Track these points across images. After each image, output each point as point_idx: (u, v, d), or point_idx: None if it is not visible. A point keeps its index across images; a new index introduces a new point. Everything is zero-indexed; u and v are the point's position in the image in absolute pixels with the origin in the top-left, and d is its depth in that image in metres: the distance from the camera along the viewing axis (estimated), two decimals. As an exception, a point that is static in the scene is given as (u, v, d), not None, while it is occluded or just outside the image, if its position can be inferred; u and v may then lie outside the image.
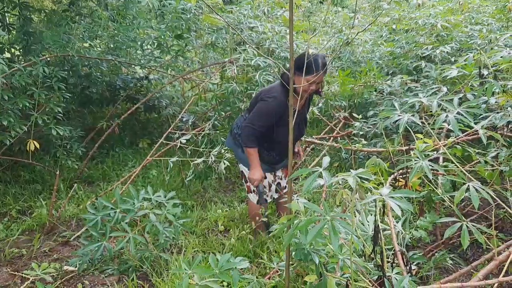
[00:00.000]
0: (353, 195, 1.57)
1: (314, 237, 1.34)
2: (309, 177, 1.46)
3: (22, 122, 3.89)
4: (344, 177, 1.45)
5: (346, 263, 1.91)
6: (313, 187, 1.49)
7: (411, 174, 2.11)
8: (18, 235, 3.40)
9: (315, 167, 1.55)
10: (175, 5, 4.76)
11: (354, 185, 1.41)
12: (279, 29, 4.41)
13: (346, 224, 1.34)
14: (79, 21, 5.56)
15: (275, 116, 2.86)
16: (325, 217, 1.36)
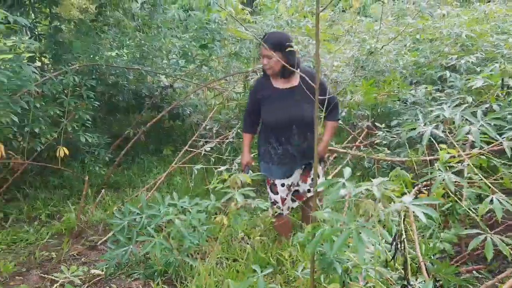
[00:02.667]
0: (376, 204, 1.59)
1: (339, 246, 1.37)
2: (332, 188, 1.49)
3: (52, 129, 4.03)
4: (367, 187, 1.47)
5: (370, 272, 1.93)
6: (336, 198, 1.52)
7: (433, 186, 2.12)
8: (47, 238, 3.50)
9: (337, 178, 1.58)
10: (200, 15, 4.87)
11: (378, 194, 1.43)
12: (302, 39, 4.45)
13: (371, 233, 1.37)
14: (106, 31, 5.73)
15: (256, 95, 2.99)
16: (349, 227, 1.38)
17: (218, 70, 5.96)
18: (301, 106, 2.83)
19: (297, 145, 2.89)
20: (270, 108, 2.94)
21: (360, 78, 4.72)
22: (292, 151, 2.91)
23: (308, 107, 2.82)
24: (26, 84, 3.55)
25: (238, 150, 4.48)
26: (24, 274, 3.02)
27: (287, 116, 2.85)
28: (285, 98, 2.87)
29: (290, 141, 2.90)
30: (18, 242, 3.46)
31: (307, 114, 2.84)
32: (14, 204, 4.07)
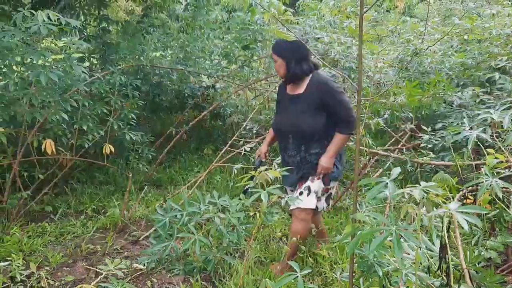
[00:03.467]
0: (419, 208, 1.56)
1: (377, 246, 1.36)
2: (375, 187, 1.47)
3: (99, 127, 4.18)
4: (410, 189, 1.45)
5: (411, 277, 1.89)
6: (378, 197, 1.50)
7: (479, 192, 2.05)
8: (93, 232, 3.63)
9: (381, 178, 1.55)
10: (242, 17, 4.92)
11: (419, 198, 1.40)
12: (345, 40, 4.41)
13: (412, 236, 1.35)
14: (151, 32, 5.89)
15: (277, 97, 3.06)
16: (390, 228, 1.37)
17: (259, 70, 6.00)
18: (300, 116, 2.74)
19: (291, 155, 2.82)
20: (277, 113, 3.04)
21: (404, 79, 4.62)
22: (287, 160, 2.86)
23: (308, 118, 2.72)
24: (76, 83, 3.71)
25: (277, 150, 4.48)
26: (70, 265, 3.15)
27: (285, 124, 2.83)
28: (289, 105, 2.84)
29: (287, 151, 2.86)
30: (66, 234, 3.61)
31: (304, 125, 2.73)
32: (62, 198, 4.26)
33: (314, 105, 2.69)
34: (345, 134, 2.71)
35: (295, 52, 2.70)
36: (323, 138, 2.73)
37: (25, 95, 3.32)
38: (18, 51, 3.33)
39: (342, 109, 2.67)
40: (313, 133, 2.72)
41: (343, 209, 3.99)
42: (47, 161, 4.14)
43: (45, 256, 3.20)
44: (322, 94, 2.69)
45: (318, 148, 2.75)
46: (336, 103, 2.67)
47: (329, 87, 2.70)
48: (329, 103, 2.67)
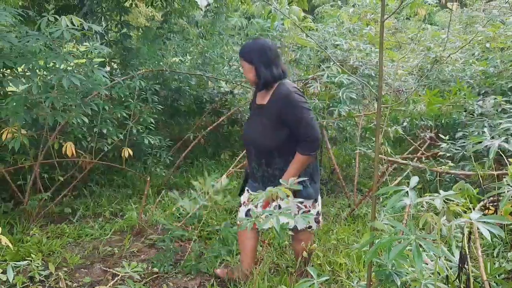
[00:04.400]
0: (439, 217, 1.53)
1: (397, 255, 1.34)
2: (394, 195, 1.46)
3: (119, 131, 4.24)
4: (430, 198, 1.43)
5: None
6: (398, 206, 1.49)
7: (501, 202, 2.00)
8: (110, 234, 3.68)
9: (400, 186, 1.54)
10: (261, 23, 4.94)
11: (441, 207, 1.38)
12: (364, 47, 4.39)
13: (432, 246, 1.32)
14: (171, 37, 5.95)
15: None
16: (409, 236, 1.35)
17: (277, 77, 6.00)
18: (261, 129, 2.54)
19: (255, 168, 2.64)
20: (245, 125, 2.89)
21: (423, 87, 4.57)
22: (252, 170, 2.68)
23: (268, 132, 2.51)
24: (97, 87, 3.76)
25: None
26: (88, 267, 3.18)
27: (247, 136, 2.66)
28: (253, 115, 2.68)
29: (250, 161, 2.70)
30: (84, 236, 3.65)
31: (263, 140, 2.53)
32: (81, 200, 4.32)
33: (274, 118, 2.47)
34: (304, 155, 2.45)
35: (262, 55, 2.48)
36: (287, 153, 2.50)
37: (48, 99, 3.38)
38: (41, 55, 3.40)
39: (301, 127, 2.44)
40: (272, 149, 2.52)
41: (360, 217, 3.95)
42: (67, 163, 4.21)
43: (64, 257, 3.24)
44: (281, 107, 2.45)
45: (281, 164, 2.53)
46: (295, 120, 2.44)
47: (289, 100, 2.45)
48: (287, 118, 2.45)
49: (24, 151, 3.87)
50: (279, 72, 2.52)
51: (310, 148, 2.45)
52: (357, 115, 4.51)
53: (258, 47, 2.51)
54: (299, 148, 2.45)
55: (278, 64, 2.53)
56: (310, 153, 2.46)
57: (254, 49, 2.50)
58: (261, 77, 2.49)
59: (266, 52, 2.49)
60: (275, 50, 2.57)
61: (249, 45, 2.57)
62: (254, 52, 2.50)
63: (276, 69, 2.50)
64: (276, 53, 2.56)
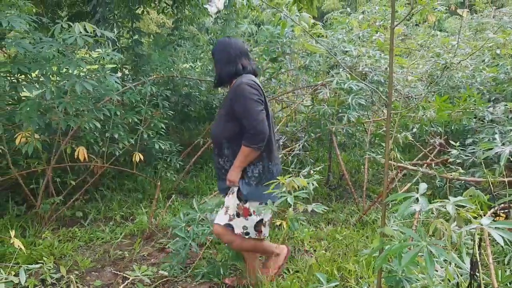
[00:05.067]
0: (450, 223, 1.54)
1: (408, 262, 1.35)
2: (404, 202, 1.47)
3: (130, 136, 4.28)
4: (441, 204, 1.44)
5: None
6: (407, 212, 1.49)
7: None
8: (121, 238, 3.71)
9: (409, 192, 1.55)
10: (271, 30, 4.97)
11: (452, 212, 1.39)
12: (374, 53, 4.40)
13: (443, 252, 1.33)
14: (182, 44, 6.02)
15: None
16: (420, 243, 1.36)
17: (286, 83, 6.04)
18: (218, 121, 2.66)
19: (215, 161, 2.73)
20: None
21: (433, 93, 4.57)
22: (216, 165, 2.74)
23: (222, 124, 2.60)
24: (109, 93, 3.82)
25: (304, 162, 4.49)
26: (99, 270, 3.21)
27: (212, 129, 2.76)
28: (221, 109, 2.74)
29: (213, 156, 2.77)
30: (95, 240, 3.69)
31: (217, 131, 2.64)
32: (92, 204, 4.36)
33: (228, 110, 2.55)
34: (247, 147, 2.46)
35: (222, 53, 2.64)
36: (236, 146, 2.54)
37: (61, 104, 3.43)
38: (55, 61, 3.46)
39: (247, 118, 2.45)
40: (222, 140, 2.60)
41: (369, 223, 3.95)
42: (79, 167, 4.26)
43: (75, 261, 3.28)
44: (231, 98, 2.52)
45: (230, 156, 2.60)
46: (242, 111, 2.46)
47: (239, 91, 2.49)
48: (235, 109, 2.49)
49: (37, 155, 3.92)
50: (237, 68, 2.60)
51: (253, 140, 2.44)
52: (366, 121, 4.52)
53: (220, 46, 2.68)
54: (244, 140, 2.47)
55: (238, 61, 2.61)
56: (252, 145, 2.44)
57: (217, 48, 2.69)
58: (216, 74, 2.68)
59: (228, 50, 2.62)
60: (240, 48, 2.65)
61: (219, 42, 2.72)
62: (216, 50, 2.69)
63: (235, 66, 2.60)
64: (240, 51, 2.64)
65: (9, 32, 3.86)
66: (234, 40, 2.70)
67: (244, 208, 2.60)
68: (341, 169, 4.71)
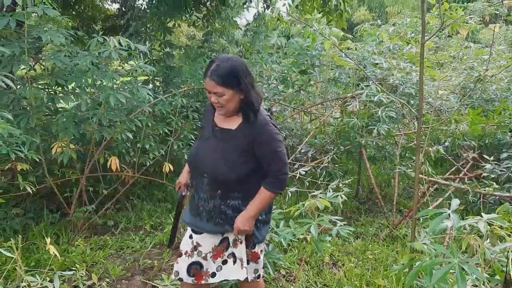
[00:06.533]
0: (483, 240, 1.50)
1: (439, 279, 1.33)
2: (436, 218, 1.44)
3: (160, 146, 4.37)
4: (474, 221, 1.41)
5: (472, 313, 1.81)
6: (438, 229, 1.47)
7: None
8: (150, 247, 3.76)
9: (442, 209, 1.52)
10: (300, 42, 5.00)
11: (485, 230, 1.36)
12: (404, 66, 4.36)
13: (476, 270, 1.31)
14: (212, 56, 6.11)
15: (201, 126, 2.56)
16: (452, 260, 1.33)
17: (315, 95, 6.03)
18: (224, 155, 2.14)
19: (204, 199, 2.20)
20: (197, 142, 2.44)
21: (466, 106, 4.48)
22: (197, 202, 2.24)
23: (233, 160, 2.12)
24: (141, 104, 3.91)
25: (333, 175, 4.46)
26: (129, 279, 3.27)
27: (203, 160, 2.20)
28: (214, 138, 2.22)
29: (198, 190, 2.24)
30: (125, 248, 3.76)
31: (226, 168, 2.12)
32: (123, 213, 4.45)
33: (243, 146, 2.12)
34: (273, 192, 2.15)
35: (248, 76, 2.09)
36: (247, 188, 2.18)
37: (95, 115, 3.54)
38: (90, 73, 3.58)
39: (275, 162, 2.14)
40: (233, 181, 2.14)
41: (399, 238, 3.88)
42: (111, 177, 4.36)
43: (106, 268, 3.35)
44: (255, 136, 2.10)
45: (238, 200, 2.18)
46: (269, 153, 2.12)
47: (267, 132, 2.11)
48: (261, 150, 2.12)
49: (71, 164, 4.04)
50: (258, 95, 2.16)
51: (281, 185, 2.17)
52: (397, 134, 4.46)
53: (238, 65, 2.07)
54: (268, 185, 2.15)
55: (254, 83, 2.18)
56: (280, 191, 2.19)
57: (236, 70, 2.04)
58: (254, 104, 2.10)
59: (248, 70, 2.12)
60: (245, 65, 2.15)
61: (225, 66, 2.04)
62: (236, 73, 2.05)
63: (255, 91, 2.15)
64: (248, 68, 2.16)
65: (46, 45, 4.02)
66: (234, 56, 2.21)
67: (253, 253, 2.29)
68: (370, 183, 4.66)
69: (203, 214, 2.21)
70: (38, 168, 3.95)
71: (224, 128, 2.19)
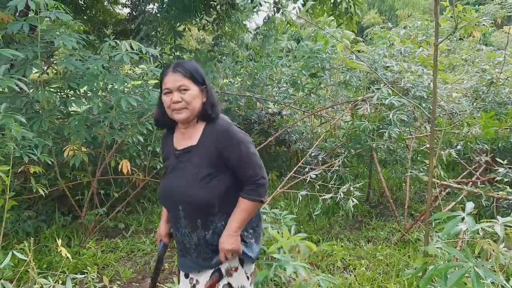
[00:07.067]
0: (498, 244, 1.48)
1: (455, 283, 1.31)
2: (451, 221, 1.43)
3: (171, 150, 4.38)
4: (489, 224, 1.39)
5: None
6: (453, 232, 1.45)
7: None
8: (160, 251, 3.77)
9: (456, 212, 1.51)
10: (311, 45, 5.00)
11: (501, 233, 1.34)
12: (416, 68, 4.33)
13: (491, 274, 1.29)
14: (222, 60, 6.14)
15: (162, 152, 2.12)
16: (467, 264, 1.32)
17: (326, 98, 6.02)
18: (192, 179, 1.86)
19: (186, 235, 1.91)
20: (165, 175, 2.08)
21: (479, 110, 4.44)
22: (182, 240, 1.96)
23: (204, 181, 1.84)
24: (152, 107, 3.93)
25: (343, 178, 4.44)
26: (139, 281, 3.28)
27: (172, 191, 1.93)
28: (177, 164, 1.94)
29: (177, 226, 1.95)
30: (136, 251, 3.77)
31: (199, 193, 1.84)
32: (134, 216, 4.47)
33: (213, 160, 1.85)
34: (254, 201, 1.87)
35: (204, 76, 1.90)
36: (228, 209, 1.89)
37: (106, 118, 3.56)
38: (101, 77, 3.61)
39: (248, 166, 1.87)
40: (210, 203, 1.86)
41: (411, 242, 3.84)
42: (121, 180, 4.38)
43: (117, 271, 3.36)
44: (221, 142, 1.85)
45: (221, 221, 1.89)
46: (241, 157, 1.85)
47: (232, 133, 1.87)
48: (230, 156, 1.85)
49: (82, 167, 4.07)
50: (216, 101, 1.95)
51: (260, 192, 1.88)
52: (408, 138, 4.43)
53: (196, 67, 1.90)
54: (246, 194, 1.87)
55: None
56: (260, 199, 1.88)
57: (200, 69, 1.90)
58: (216, 106, 1.90)
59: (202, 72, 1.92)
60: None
61: (189, 63, 1.91)
62: (201, 71, 1.90)
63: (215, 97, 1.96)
64: None
65: (57, 49, 4.06)
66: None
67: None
68: (381, 186, 4.63)
69: (191, 251, 1.94)
70: (50, 171, 3.99)
71: (185, 148, 1.91)
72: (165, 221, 2.19)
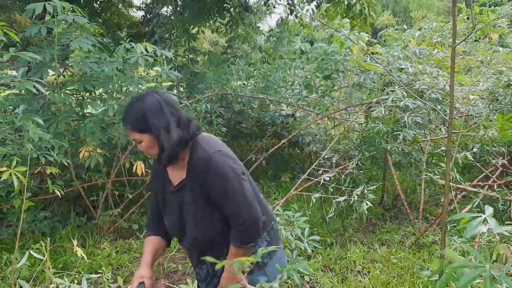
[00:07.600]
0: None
1: (468, 282, 1.28)
2: (472, 221, 1.41)
3: (184, 151, 4.41)
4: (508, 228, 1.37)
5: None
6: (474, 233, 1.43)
7: None
8: (175, 251, 3.79)
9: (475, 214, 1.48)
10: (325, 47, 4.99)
11: (520, 237, 1.32)
12: (431, 70, 4.29)
13: (508, 278, 1.26)
14: (235, 62, 6.16)
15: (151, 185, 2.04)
16: (483, 265, 1.29)
17: (339, 100, 6.00)
18: (187, 218, 1.76)
19: (198, 267, 1.88)
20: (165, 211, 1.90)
21: (495, 112, 4.38)
22: (196, 269, 1.92)
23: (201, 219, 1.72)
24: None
25: (357, 181, 4.41)
26: (154, 282, 3.28)
27: (174, 230, 1.87)
28: (172, 202, 1.83)
29: (192, 260, 1.93)
30: (150, 252, 3.79)
31: (195, 232, 1.75)
32: (147, 217, 4.49)
33: (203, 199, 1.70)
34: (239, 248, 1.67)
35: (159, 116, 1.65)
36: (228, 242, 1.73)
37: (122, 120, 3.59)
38: (116, 79, 3.64)
39: (228, 204, 1.67)
40: (216, 242, 1.76)
41: (426, 246, 3.80)
42: (135, 181, 4.41)
43: (131, 271, 3.38)
44: (202, 179, 1.67)
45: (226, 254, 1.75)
46: (220, 194, 1.66)
47: (210, 167, 1.65)
48: (211, 195, 1.68)
49: (97, 169, 4.11)
50: (182, 132, 1.69)
51: (244, 238, 1.68)
52: (423, 140, 4.38)
53: (149, 106, 1.66)
54: (232, 239, 1.69)
55: (179, 118, 1.71)
56: (246, 245, 1.68)
57: (147, 111, 1.65)
58: (164, 148, 1.65)
59: (162, 108, 1.67)
60: (168, 100, 1.73)
61: (133, 109, 1.68)
62: (144, 115, 1.65)
63: (179, 127, 1.69)
64: (171, 103, 1.72)
65: (72, 52, 4.11)
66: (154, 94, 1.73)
67: None
68: (396, 189, 4.59)
69: (201, 279, 1.89)
70: (66, 172, 4.03)
71: (176, 186, 1.79)
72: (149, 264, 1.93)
